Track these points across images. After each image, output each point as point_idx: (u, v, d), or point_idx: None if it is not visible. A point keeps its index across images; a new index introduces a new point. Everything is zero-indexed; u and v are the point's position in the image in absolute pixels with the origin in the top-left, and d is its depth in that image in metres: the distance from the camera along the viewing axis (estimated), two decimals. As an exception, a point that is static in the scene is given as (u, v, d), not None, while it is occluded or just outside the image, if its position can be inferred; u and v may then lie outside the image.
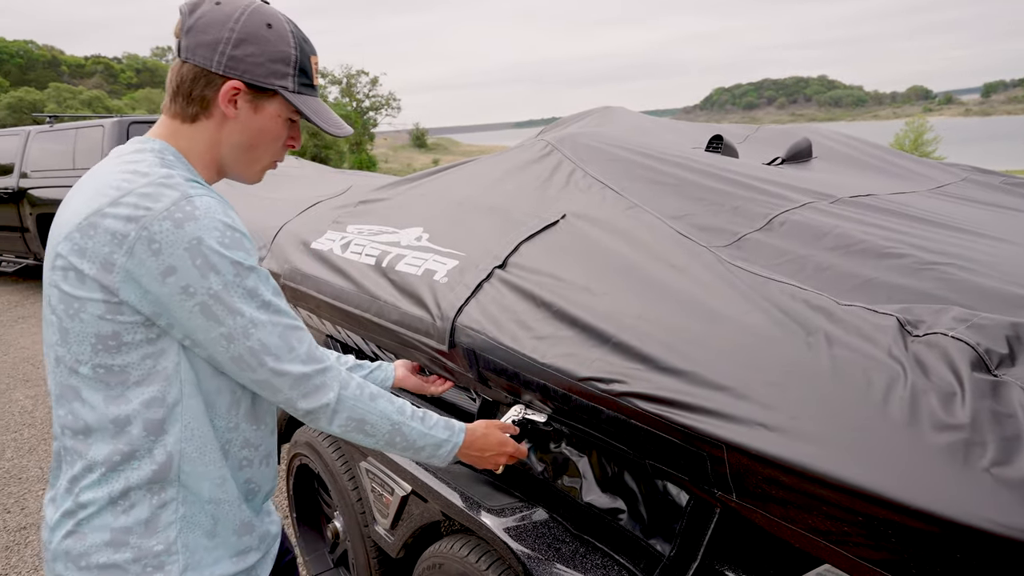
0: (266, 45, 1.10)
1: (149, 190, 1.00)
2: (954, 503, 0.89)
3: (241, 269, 1.04)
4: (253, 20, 1.10)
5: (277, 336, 1.07)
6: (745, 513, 1.19)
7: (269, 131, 1.16)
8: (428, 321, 1.68)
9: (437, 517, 1.77)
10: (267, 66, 1.10)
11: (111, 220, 0.98)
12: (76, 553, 1.06)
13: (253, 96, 1.12)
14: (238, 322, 1.04)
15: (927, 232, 1.65)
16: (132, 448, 1.05)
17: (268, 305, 1.07)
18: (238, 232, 1.05)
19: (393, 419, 1.22)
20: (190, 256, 0.99)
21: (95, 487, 1.06)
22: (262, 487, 1.24)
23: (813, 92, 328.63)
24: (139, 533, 1.06)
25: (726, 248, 1.51)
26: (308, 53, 1.16)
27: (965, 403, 0.97)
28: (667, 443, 1.23)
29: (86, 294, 1.00)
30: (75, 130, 7.56)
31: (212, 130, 1.13)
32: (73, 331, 1.02)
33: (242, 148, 1.15)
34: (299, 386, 1.10)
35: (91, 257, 0.99)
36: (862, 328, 1.15)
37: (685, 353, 1.24)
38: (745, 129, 3.22)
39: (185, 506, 1.09)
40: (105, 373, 1.03)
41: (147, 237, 0.97)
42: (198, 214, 1.00)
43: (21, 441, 4.22)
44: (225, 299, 1.02)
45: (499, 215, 1.88)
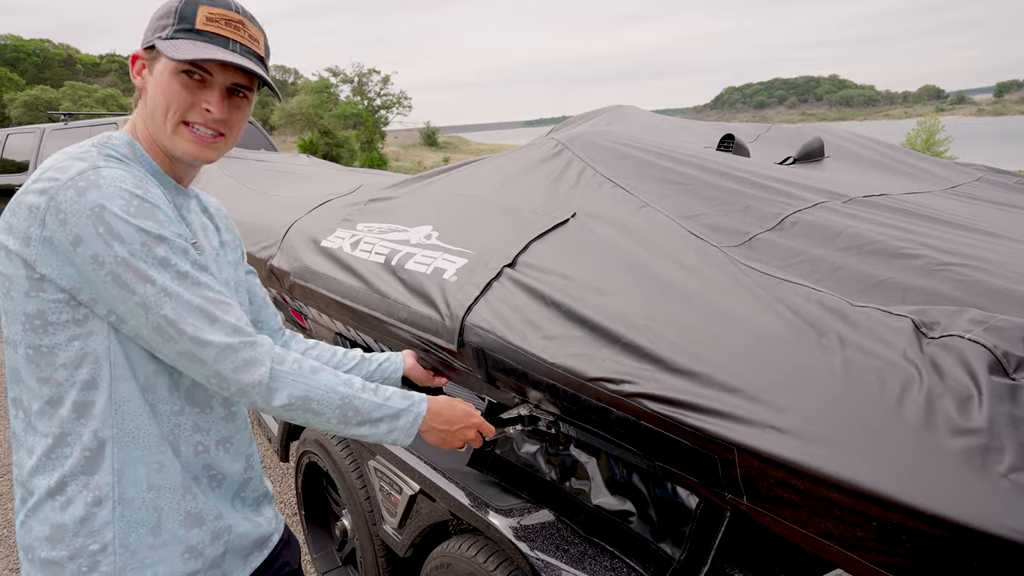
0: (159, 9, 1.12)
1: (62, 163, 1.02)
2: (971, 509, 0.87)
3: (148, 238, 1.02)
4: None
5: (195, 306, 1.04)
6: (756, 517, 1.17)
7: (162, 88, 1.11)
8: (437, 320, 1.67)
9: (445, 516, 1.77)
10: (153, 24, 1.12)
11: (30, 195, 1.01)
12: (26, 544, 1.09)
13: (149, 60, 1.13)
14: (149, 290, 1.01)
15: (941, 232, 1.63)
16: (63, 431, 1.05)
17: (185, 276, 1.05)
18: (147, 202, 1.03)
19: (341, 391, 1.15)
20: (93, 224, 0.98)
21: (35, 474, 1.07)
22: (227, 475, 1.21)
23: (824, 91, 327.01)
24: (74, 531, 1.06)
25: (738, 248, 1.50)
26: (197, 3, 1.11)
27: (982, 407, 0.95)
28: (677, 445, 1.22)
29: (12, 271, 1.02)
30: (89, 128, 7.60)
31: (142, 108, 1.16)
32: (8, 310, 1.04)
33: (150, 116, 1.13)
34: (225, 358, 1.05)
35: (15, 233, 1.01)
36: (876, 330, 1.13)
37: (696, 354, 1.23)
38: (756, 128, 3.20)
39: (123, 505, 1.08)
40: (35, 354, 1.04)
41: (55, 207, 0.98)
42: (102, 183, 1.00)
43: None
44: (134, 266, 1.00)
45: (509, 214, 1.87)
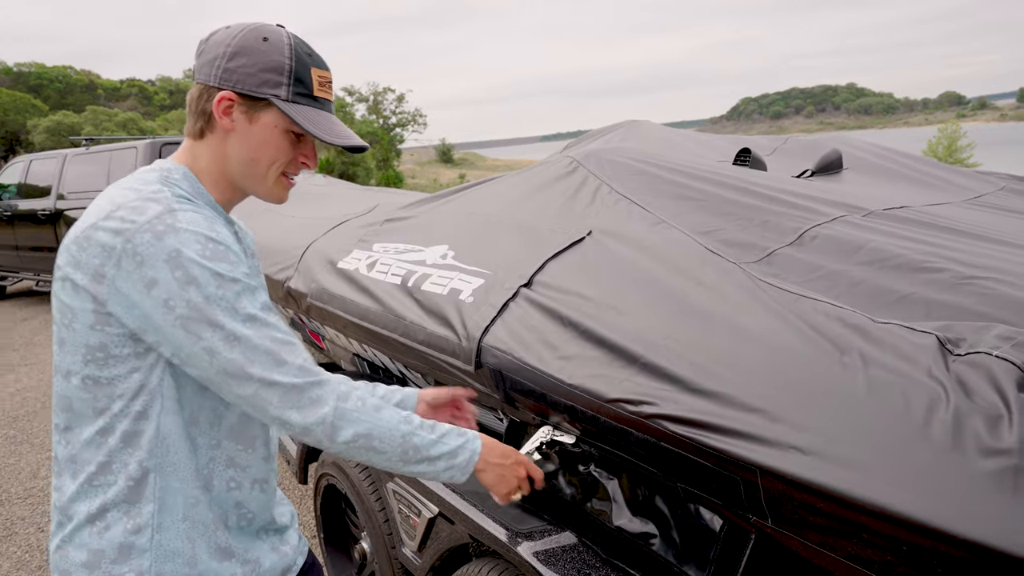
0: (259, 56, 1.11)
1: (136, 204, 1.02)
2: (1003, 533, 0.85)
3: (223, 281, 1.03)
4: (250, 36, 1.12)
5: (263, 350, 1.04)
6: (782, 539, 1.15)
7: (267, 142, 1.14)
8: (454, 341, 1.66)
9: (465, 540, 1.75)
10: (258, 75, 1.11)
11: (102, 233, 1.01)
12: (62, 568, 1.09)
13: (248, 107, 1.12)
14: (217, 336, 1.02)
15: (965, 244, 1.60)
16: (109, 459, 1.07)
17: (253, 319, 1.05)
18: (221, 245, 1.05)
19: (402, 429, 1.15)
20: (170, 268, 0.99)
21: (76, 499, 1.08)
22: (258, 515, 1.22)
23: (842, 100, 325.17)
24: (111, 558, 1.07)
25: (756, 264, 1.48)
26: (308, 65, 1.14)
27: (1013, 426, 0.93)
28: (699, 467, 1.20)
29: (79, 304, 1.03)
30: (109, 152, 7.74)
31: (216, 144, 1.15)
32: (68, 340, 1.05)
33: (244, 162, 1.15)
34: (290, 398, 1.06)
35: (84, 268, 1.01)
36: (899, 347, 1.11)
37: (716, 374, 1.21)
38: (773, 141, 3.18)
39: (160, 533, 1.09)
40: (93, 385, 1.05)
41: (131, 249, 0.99)
42: (179, 226, 1.01)
43: (56, 459, 4.28)
44: (206, 311, 1.01)
45: (525, 232, 1.87)
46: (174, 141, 7.64)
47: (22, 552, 3.27)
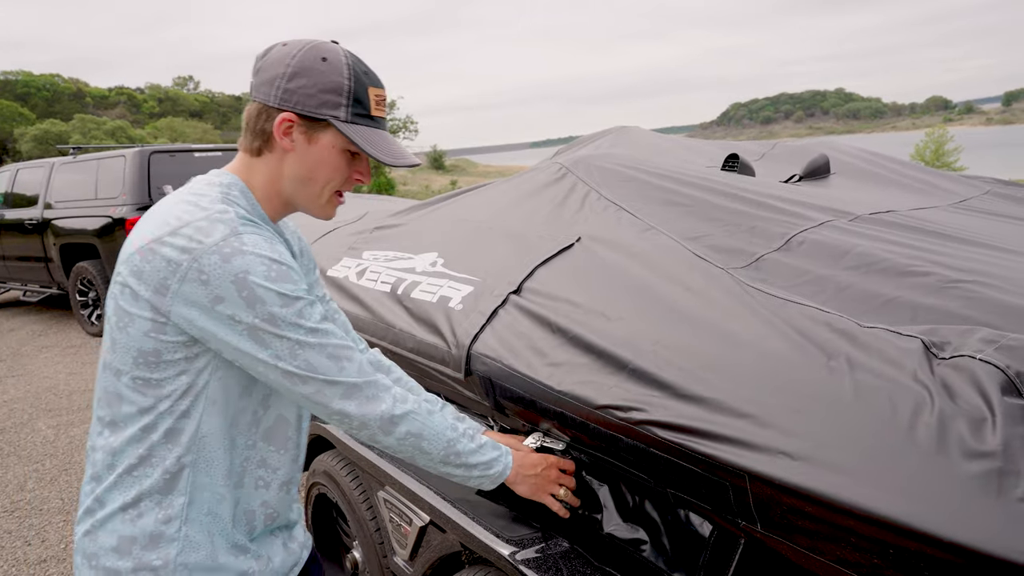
0: (318, 77, 1.12)
1: (203, 224, 1.06)
2: (989, 536, 0.86)
3: (286, 299, 1.08)
4: (309, 55, 1.13)
5: (325, 357, 1.11)
6: (771, 544, 1.15)
7: (325, 162, 1.17)
8: (444, 349, 1.66)
9: (457, 548, 1.75)
10: (318, 96, 1.13)
11: (168, 248, 1.05)
12: (89, 552, 1.14)
13: (307, 127, 1.14)
14: (284, 345, 1.08)
15: (950, 248, 1.61)
16: (150, 454, 1.12)
17: (315, 331, 1.11)
18: (284, 265, 1.09)
19: (448, 436, 1.24)
20: (236, 288, 1.04)
21: (112, 489, 1.13)
22: (280, 514, 1.28)
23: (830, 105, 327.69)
24: (142, 545, 1.12)
25: (744, 269, 1.49)
26: (366, 84, 1.16)
27: (996, 429, 0.94)
28: (688, 472, 1.20)
29: (137, 311, 1.07)
30: (97, 160, 7.69)
31: (274, 163, 1.18)
32: (120, 342, 1.10)
33: (300, 180, 1.18)
34: (352, 395, 1.13)
35: (147, 280, 1.06)
36: (885, 351, 1.12)
37: (704, 379, 1.22)
38: (761, 146, 3.20)
39: (187, 525, 1.14)
40: (143, 384, 1.11)
41: (197, 268, 1.04)
42: (245, 249, 1.06)
43: (43, 472, 4.25)
44: (271, 328, 1.07)
45: (514, 239, 1.87)
46: (164, 150, 7.60)
47: (8, 566, 3.24)
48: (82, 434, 4.78)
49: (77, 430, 4.86)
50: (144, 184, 7.12)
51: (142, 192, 7.09)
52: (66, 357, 6.88)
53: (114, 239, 7.15)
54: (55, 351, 7.15)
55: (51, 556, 3.29)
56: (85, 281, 7.73)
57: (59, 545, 3.38)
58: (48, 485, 4.04)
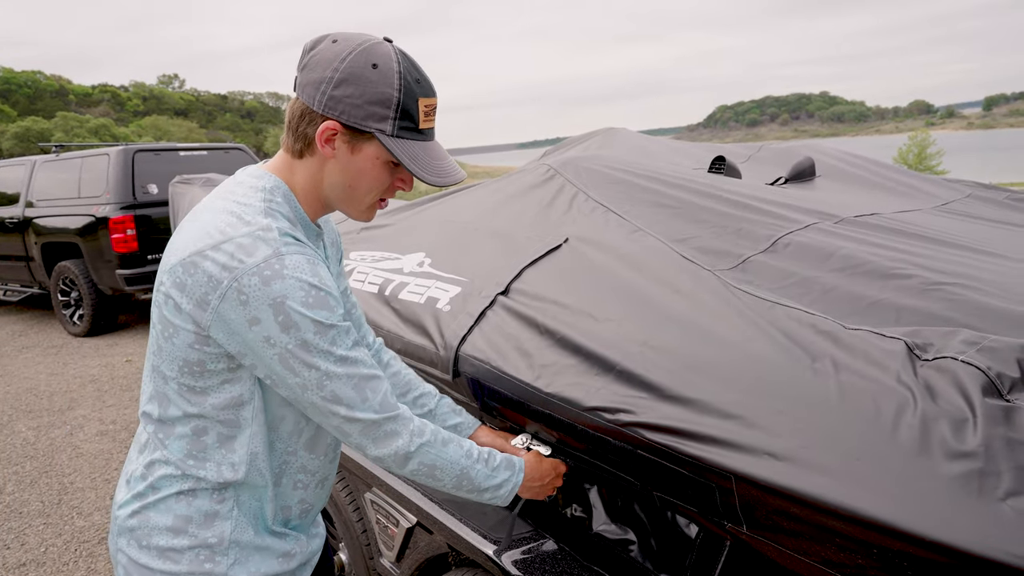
0: (367, 86, 1.08)
1: (246, 242, 1.06)
2: (970, 535, 0.87)
3: (321, 327, 1.08)
4: (359, 60, 1.08)
5: (351, 388, 1.12)
6: (757, 545, 1.16)
7: (367, 173, 1.15)
8: (432, 351, 1.66)
9: (444, 549, 1.75)
10: (365, 108, 1.09)
11: (210, 263, 1.05)
12: (140, 532, 1.18)
13: (351, 137, 1.12)
14: (312, 375, 1.09)
15: (933, 251, 1.63)
16: (205, 455, 1.16)
17: (344, 359, 1.11)
18: (322, 291, 1.08)
19: (462, 464, 1.25)
20: (273, 312, 1.04)
21: (168, 480, 1.17)
22: (315, 506, 1.35)
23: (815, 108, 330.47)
24: (198, 523, 1.17)
25: (730, 271, 1.50)
26: (416, 95, 1.11)
27: (977, 430, 0.95)
28: (675, 474, 1.21)
29: (181, 323, 1.09)
30: (80, 159, 7.61)
31: (315, 167, 1.16)
32: (166, 350, 1.12)
33: (341, 188, 1.17)
34: (369, 432, 1.15)
35: (189, 293, 1.07)
36: (869, 353, 1.13)
37: (691, 381, 1.22)
38: (747, 149, 3.22)
39: (239, 507, 1.20)
40: (188, 391, 1.14)
41: (237, 288, 1.04)
42: (285, 272, 1.05)
43: (23, 474, 4.20)
44: (302, 354, 1.07)
45: (502, 240, 1.88)
46: (148, 148, 7.54)
47: (-10, 568, 3.21)
48: (62, 436, 4.73)
49: (57, 432, 4.81)
50: (128, 183, 7.05)
51: (126, 191, 7.02)
52: (47, 358, 6.80)
53: (97, 238, 7.09)
54: (36, 351, 7.07)
55: (31, 560, 3.26)
56: (67, 281, 7.65)
57: (39, 549, 3.34)
58: (28, 488, 4.00)
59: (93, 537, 3.41)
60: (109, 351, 6.92)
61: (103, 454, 4.39)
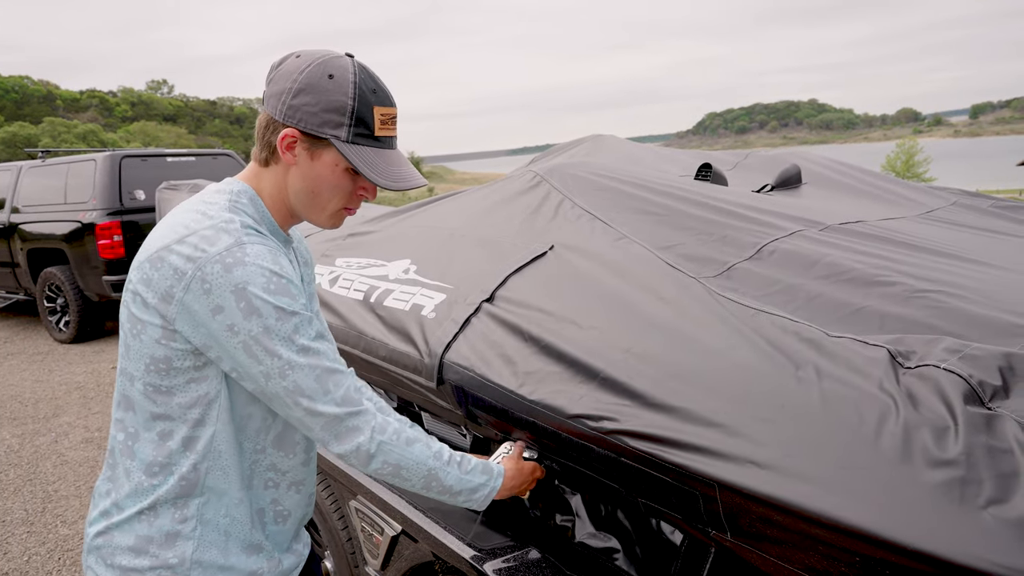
0: (322, 95, 1.13)
1: (209, 233, 1.09)
2: (951, 543, 0.86)
3: (283, 314, 1.09)
4: (316, 71, 1.13)
5: (313, 379, 1.13)
6: (741, 553, 1.16)
7: (327, 179, 1.18)
8: (416, 358, 1.65)
9: (429, 557, 1.73)
10: (321, 115, 1.13)
11: (175, 257, 1.08)
12: (105, 551, 1.19)
13: (310, 144, 1.15)
14: (275, 363, 1.10)
15: (917, 259, 1.64)
16: (169, 460, 1.16)
17: (307, 349, 1.12)
18: (283, 279, 1.11)
19: (429, 464, 1.25)
20: (235, 298, 1.06)
21: (131, 495, 1.17)
22: (293, 512, 1.32)
23: (804, 115, 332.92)
24: (159, 543, 1.17)
25: (715, 278, 1.50)
26: (371, 103, 1.16)
27: (959, 438, 0.95)
28: (659, 481, 1.20)
29: (148, 318, 1.10)
30: (67, 164, 7.56)
31: (280, 174, 1.20)
32: (133, 348, 1.14)
33: (304, 194, 1.20)
34: (331, 427, 1.15)
35: (155, 287, 1.09)
36: (852, 361, 1.13)
37: (674, 389, 1.22)
38: (735, 156, 3.23)
39: (203, 525, 1.19)
40: (154, 391, 1.14)
41: (200, 277, 1.06)
42: (247, 260, 1.08)
43: (6, 482, 4.15)
44: (264, 341, 1.09)
45: (487, 247, 1.87)
46: (135, 154, 7.49)
47: (-29, 578, 3.16)
48: (47, 443, 4.68)
49: (42, 439, 4.76)
50: (115, 189, 7.01)
51: (112, 197, 6.98)
52: (32, 365, 6.73)
53: (83, 244, 7.03)
54: (21, 358, 7.00)
55: (14, 569, 3.22)
56: (53, 287, 7.59)
57: (22, 558, 3.30)
58: (11, 496, 3.95)
59: (77, 546, 3.37)
60: (95, 358, 6.86)
61: (88, 462, 4.35)
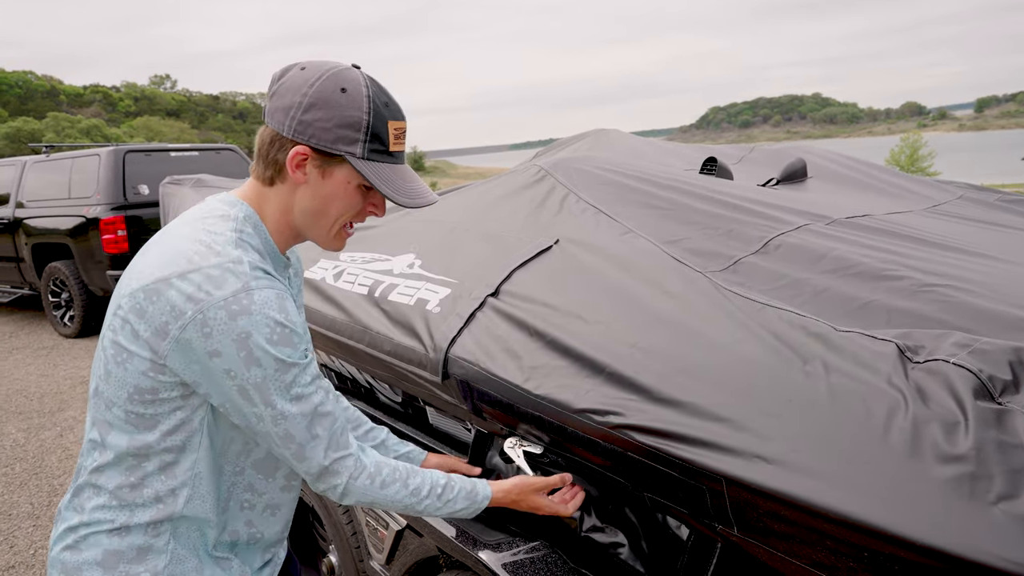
0: (335, 110, 1.08)
1: (215, 273, 1.04)
2: (960, 538, 0.86)
3: (283, 365, 1.06)
4: (328, 85, 1.08)
5: (303, 427, 1.11)
6: (747, 548, 1.15)
7: (338, 197, 1.14)
8: (421, 352, 1.65)
9: (433, 552, 1.73)
10: (334, 131, 1.08)
11: (175, 292, 1.03)
12: (70, 566, 1.13)
13: (322, 161, 1.11)
14: (268, 412, 1.08)
15: (924, 253, 1.63)
16: (142, 482, 1.12)
17: (300, 397, 1.10)
18: (287, 328, 1.07)
19: (405, 503, 1.25)
20: (237, 347, 1.03)
21: (101, 508, 1.12)
22: (265, 535, 1.29)
23: (808, 109, 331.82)
24: (129, 559, 1.12)
25: (721, 273, 1.49)
26: (385, 118, 1.12)
27: (969, 433, 0.94)
28: (665, 476, 1.20)
29: (136, 350, 1.06)
30: (71, 159, 7.57)
31: (286, 194, 1.15)
32: (116, 375, 1.08)
33: (312, 214, 1.15)
34: (313, 469, 1.15)
35: (149, 320, 1.04)
36: (860, 355, 1.13)
37: (681, 383, 1.22)
38: (739, 150, 3.22)
39: (176, 540, 1.15)
40: (136, 418, 1.10)
41: (202, 320, 1.02)
42: (253, 308, 1.03)
43: (12, 476, 4.16)
44: (262, 389, 1.06)
45: (492, 241, 1.86)
46: (139, 149, 7.50)
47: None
48: (53, 437, 4.70)
49: (48, 433, 4.78)
50: (119, 184, 7.02)
51: (116, 192, 6.99)
52: (37, 359, 6.75)
53: (88, 239, 7.05)
54: (26, 353, 7.02)
55: (20, 562, 3.23)
56: (57, 282, 7.61)
57: (28, 551, 3.31)
58: (18, 490, 3.97)
59: (82, 540, 3.38)
60: (100, 353, 6.87)
61: (92, 456, 4.36)
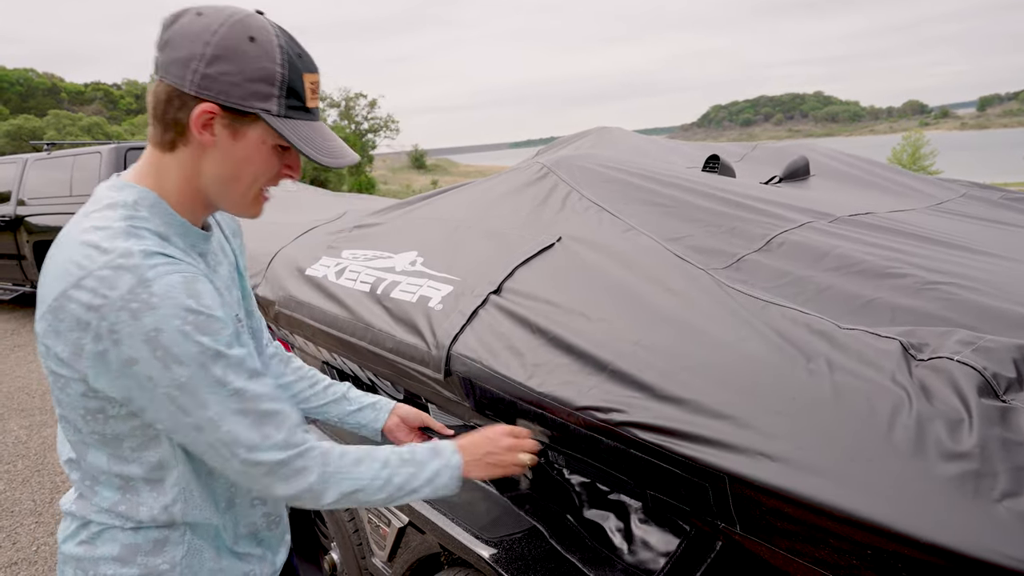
0: (245, 62, 0.95)
1: (106, 273, 0.92)
2: (965, 536, 0.86)
3: (206, 356, 0.95)
4: (233, 33, 0.95)
5: (249, 426, 1.00)
6: (750, 546, 1.15)
7: (253, 160, 1.02)
8: (423, 349, 1.65)
9: (436, 549, 1.74)
10: (245, 86, 0.96)
11: (75, 305, 0.92)
12: (86, 561, 1.08)
13: (231, 120, 0.98)
14: (205, 414, 0.97)
15: (928, 251, 1.62)
16: (138, 500, 1.07)
17: (239, 393, 0.99)
18: (202, 315, 0.95)
19: (383, 476, 1.13)
20: (150, 348, 0.92)
21: (107, 514, 1.08)
22: (281, 516, 1.28)
23: (809, 108, 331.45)
24: (147, 551, 1.08)
25: (724, 270, 1.49)
26: (300, 70, 1.00)
27: (973, 430, 0.94)
28: (668, 473, 1.20)
29: (67, 374, 0.97)
30: (72, 157, 7.57)
31: (191, 159, 1.01)
32: (64, 402, 1.01)
33: (224, 180, 1.03)
34: (275, 472, 1.03)
35: (64, 341, 0.94)
36: (864, 353, 1.12)
37: (684, 381, 1.21)
38: (742, 148, 3.22)
39: (192, 531, 1.11)
40: (101, 439, 1.03)
41: (107, 327, 0.91)
42: (155, 301, 0.92)
43: (14, 473, 4.17)
44: (191, 390, 0.95)
45: (494, 238, 1.86)
46: (140, 146, 7.50)
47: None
48: (55, 435, 4.70)
49: (50, 431, 4.78)
50: (120, 181, 7.01)
51: (118, 189, 6.98)
52: (39, 357, 6.75)
53: (89, 236, 7.04)
54: (28, 350, 7.02)
55: (22, 559, 3.23)
56: (59, 279, 7.60)
57: (31, 548, 3.32)
58: (20, 487, 3.97)
59: (84, 537, 3.39)
60: (101, 350, 6.88)
61: (94, 454, 4.37)
